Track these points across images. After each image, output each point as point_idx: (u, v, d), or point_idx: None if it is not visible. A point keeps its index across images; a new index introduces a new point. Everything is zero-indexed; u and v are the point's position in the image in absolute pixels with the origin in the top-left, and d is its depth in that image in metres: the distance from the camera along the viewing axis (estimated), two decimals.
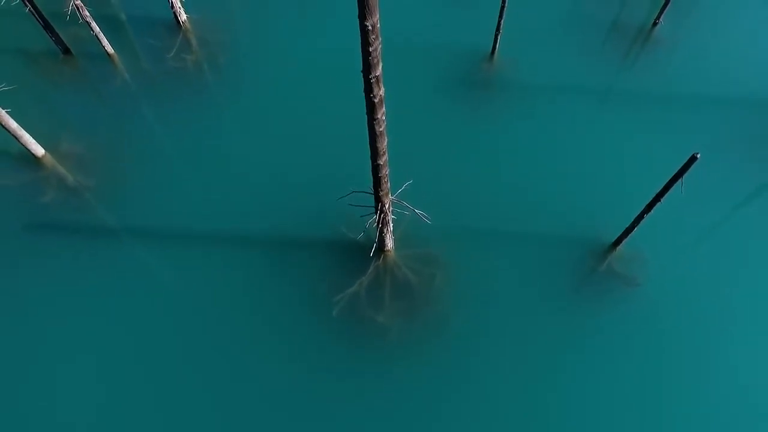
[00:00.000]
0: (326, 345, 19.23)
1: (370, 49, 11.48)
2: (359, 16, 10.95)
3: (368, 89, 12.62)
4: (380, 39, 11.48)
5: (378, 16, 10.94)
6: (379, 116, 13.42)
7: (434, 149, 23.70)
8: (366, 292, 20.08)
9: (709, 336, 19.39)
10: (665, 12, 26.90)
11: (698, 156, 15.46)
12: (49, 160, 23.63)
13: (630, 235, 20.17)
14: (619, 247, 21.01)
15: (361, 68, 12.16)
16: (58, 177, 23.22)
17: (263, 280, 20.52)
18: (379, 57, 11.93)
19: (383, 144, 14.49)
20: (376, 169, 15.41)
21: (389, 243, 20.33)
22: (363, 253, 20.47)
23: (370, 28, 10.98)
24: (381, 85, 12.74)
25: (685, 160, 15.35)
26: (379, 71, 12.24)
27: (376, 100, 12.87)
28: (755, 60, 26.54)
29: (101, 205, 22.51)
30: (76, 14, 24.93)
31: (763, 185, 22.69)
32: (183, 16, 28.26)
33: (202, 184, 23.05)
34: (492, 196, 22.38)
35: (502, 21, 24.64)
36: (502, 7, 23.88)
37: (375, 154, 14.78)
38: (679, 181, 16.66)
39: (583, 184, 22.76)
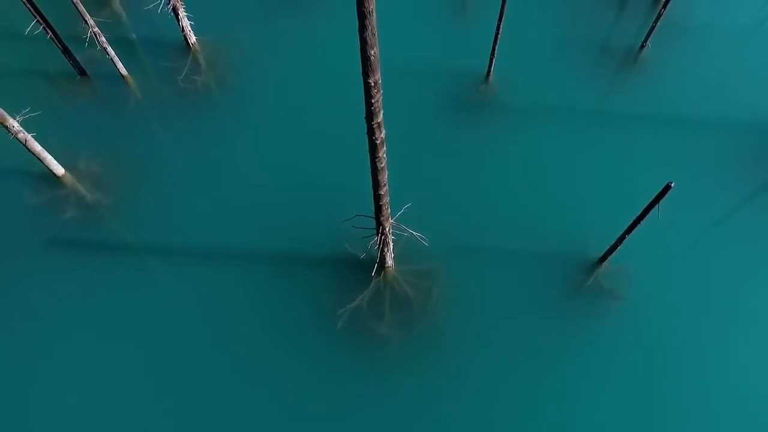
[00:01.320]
0: (330, 356, 20.62)
1: (373, 101, 12.85)
2: (362, 74, 12.30)
3: (371, 132, 14.01)
4: (381, 92, 12.85)
5: (380, 74, 12.32)
6: (380, 155, 14.80)
7: (431, 170, 24.95)
8: (367, 306, 21.50)
9: (690, 344, 20.80)
10: (652, 35, 28.18)
11: (672, 185, 16.83)
12: (69, 179, 25.01)
13: (615, 252, 21.56)
14: (605, 263, 22.37)
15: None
16: (77, 195, 24.60)
17: (272, 294, 21.90)
18: (381, 106, 13.30)
19: (384, 177, 15.87)
20: (377, 198, 16.79)
21: (389, 261, 21.72)
22: (365, 269, 21.82)
23: (372, 84, 12.36)
24: (382, 129, 14.11)
25: (670, 178, 16.60)
26: (380, 118, 13.61)
27: (378, 142, 14.25)
28: (740, 83, 27.73)
29: (116, 221, 23.89)
30: (93, 39, 26.20)
31: (744, 200, 24.03)
32: (192, 38, 29.55)
33: (213, 201, 24.40)
34: (487, 215, 23.70)
35: (497, 45, 25.97)
36: (497, 32, 25.19)
37: (376, 185, 16.16)
38: (656, 206, 18.06)
39: (572, 202, 24.07)
